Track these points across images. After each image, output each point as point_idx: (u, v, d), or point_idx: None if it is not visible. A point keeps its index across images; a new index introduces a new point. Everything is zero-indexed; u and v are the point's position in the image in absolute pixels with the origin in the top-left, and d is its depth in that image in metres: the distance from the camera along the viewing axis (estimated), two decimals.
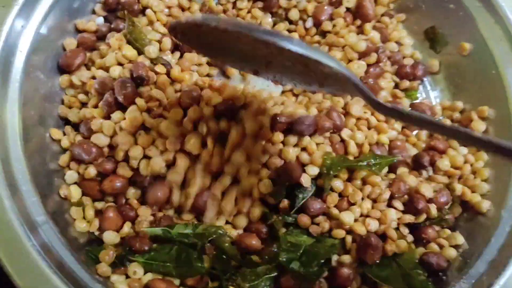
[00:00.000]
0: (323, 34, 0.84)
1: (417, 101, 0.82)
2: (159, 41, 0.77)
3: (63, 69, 0.74)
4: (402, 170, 0.71)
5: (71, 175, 0.69)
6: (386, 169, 0.71)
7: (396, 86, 0.82)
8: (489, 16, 0.76)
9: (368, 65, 0.79)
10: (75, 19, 0.78)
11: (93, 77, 0.73)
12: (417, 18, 0.86)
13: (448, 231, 0.69)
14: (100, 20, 0.80)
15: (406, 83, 0.82)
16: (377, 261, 0.65)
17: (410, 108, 0.79)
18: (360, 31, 0.83)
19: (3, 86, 0.65)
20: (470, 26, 0.78)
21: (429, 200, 0.69)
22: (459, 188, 0.71)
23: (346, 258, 0.66)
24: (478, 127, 0.74)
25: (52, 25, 0.73)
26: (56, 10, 0.73)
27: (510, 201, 0.67)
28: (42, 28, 0.71)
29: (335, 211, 0.67)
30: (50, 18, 0.72)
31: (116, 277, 0.64)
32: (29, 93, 0.68)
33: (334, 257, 0.67)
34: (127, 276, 0.65)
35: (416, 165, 0.73)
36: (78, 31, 0.78)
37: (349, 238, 0.67)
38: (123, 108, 0.69)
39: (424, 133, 0.78)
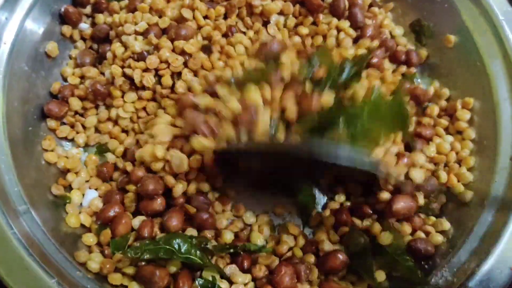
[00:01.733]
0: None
1: None
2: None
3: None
4: None
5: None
6: None
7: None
8: (474, 8, 0.77)
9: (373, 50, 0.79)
10: (60, 11, 0.78)
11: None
12: (403, 10, 0.86)
13: (433, 218, 0.70)
14: (85, 26, 0.80)
15: (403, 68, 0.82)
16: None
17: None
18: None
19: None
20: (455, 18, 0.79)
21: (417, 188, 0.69)
22: (444, 176, 0.71)
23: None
24: (463, 116, 0.74)
25: (37, 17, 0.73)
26: (41, 2, 0.73)
27: (493, 191, 0.67)
28: (27, 21, 0.71)
29: None
30: (35, 11, 0.72)
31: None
32: (13, 85, 0.68)
33: (327, 242, 0.67)
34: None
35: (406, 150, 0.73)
36: (62, 21, 0.78)
37: None
38: None
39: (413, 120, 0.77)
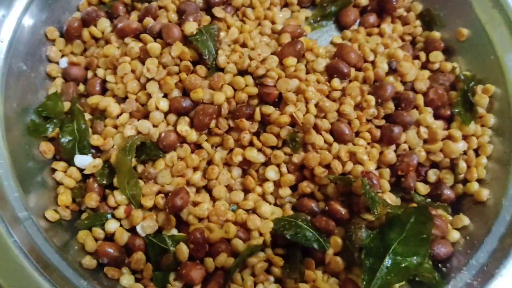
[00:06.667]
0: None
1: None
2: None
3: None
4: None
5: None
6: None
7: None
8: (487, 0, 0.74)
9: None
10: (57, 9, 0.75)
11: None
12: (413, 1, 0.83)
13: (449, 217, 0.68)
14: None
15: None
16: None
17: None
18: None
19: None
20: (467, 10, 0.76)
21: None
22: (463, 165, 0.68)
23: None
24: (481, 101, 0.71)
25: (34, 15, 0.71)
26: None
27: (511, 190, 0.65)
28: (24, 18, 0.69)
29: None
30: (32, 8, 0.70)
31: None
32: (11, 85, 0.66)
33: None
34: None
35: None
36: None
37: None
38: None
39: None
